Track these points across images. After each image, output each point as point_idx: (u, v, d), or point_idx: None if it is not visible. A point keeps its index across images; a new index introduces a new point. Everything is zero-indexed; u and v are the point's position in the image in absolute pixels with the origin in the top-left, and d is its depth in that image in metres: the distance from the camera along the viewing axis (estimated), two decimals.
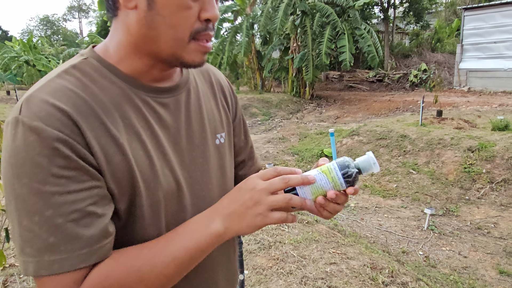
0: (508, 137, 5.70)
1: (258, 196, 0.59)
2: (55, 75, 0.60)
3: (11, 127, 0.55)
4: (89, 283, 0.56)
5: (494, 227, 4.21)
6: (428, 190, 5.25)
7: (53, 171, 0.53)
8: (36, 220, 0.53)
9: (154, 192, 0.63)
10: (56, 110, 0.55)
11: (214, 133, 0.77)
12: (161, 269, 0.58)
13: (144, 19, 0.60)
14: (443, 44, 18.35)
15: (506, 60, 12.73)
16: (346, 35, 12.93)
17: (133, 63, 0.65)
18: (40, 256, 0.53)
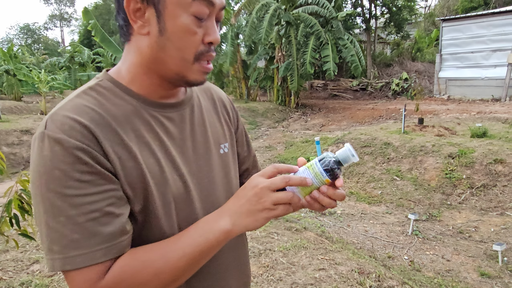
0: (487, 144, 5.92)
1: (262, 193, 0.64)
2: (75, 95, 0.69)
3: (38, 141, 0.63)
4: (110, 276, 0.62)
5: (475, 231, 4.36)
6: (412, 196, 5.39)
7: (75, 176, 0.61)
8: (61, 220, 0.60)
9: (164, 194, 0.70)
10: (76, 124, 0.63)
11: (217, 144, 0.84)
12: (174, 263, 0.64)
13: (155, 44, 0.68)
14: (423, 54, 18.91)
15: (483, 69, 13.20)
16: (329, 45, 13.20)
17: (142, 83, 0.73)
18: (65, 253, 0.60)
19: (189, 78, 0.71)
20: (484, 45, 13.19)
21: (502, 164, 5.30)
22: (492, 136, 6.91)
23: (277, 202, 0.64)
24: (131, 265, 0.64)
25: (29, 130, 8.43)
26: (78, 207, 0.61)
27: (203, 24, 0.69)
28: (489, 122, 8.43)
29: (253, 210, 0.65)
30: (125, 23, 0.70)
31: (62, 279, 2.66)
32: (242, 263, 0.89)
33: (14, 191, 2.16)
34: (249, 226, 0.66)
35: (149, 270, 0.64)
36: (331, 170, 0.67)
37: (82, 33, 31.91)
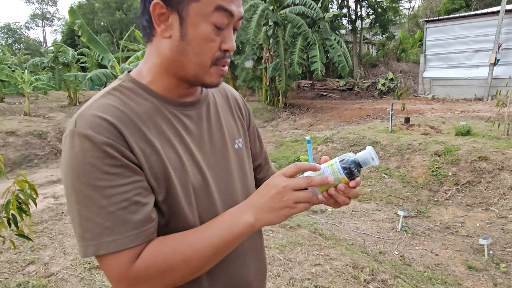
0: (471, 142, 6.10)
1: (284, 192, 0.68)
2: (100, 96, 0.75)
3: (69, 138, 0.68)
4: (141, 260, 0.68)
5: (461, 226, 4.50)
6: (400, 193, 5.52)
7: (104, 169, 0.66)
8: (93, 210, 0.66)
9: (185, 185, 0.76)
10: (103, 121, 0.68)
11: (232, 139, 0.90)
12: (201, 252, 0.69)
13: (176, 47, 0.73)
14: (408, 54, 19.26)
15: (465, 69, 13.53)
16: (317, 45, 13.33)
17: (162, 83, 0.79)
18: (98, 239, 0.66)
19: (206, 80, 0.77)
20: (467, 45, 13.54)
21: (486, 161, 5.47)
22: (476, 134, 7.11)
23: (297, 201, 0.68)
24: (162, 251, 0.69)
25: (15, 131, 8.29)
26: (109, 197, 0.66)
27: (221, 33, 0.74)
28: (472, 121, 8.67)
29: (275, 207, 0.69)
30: (149, 25, 0.75)
31: (60, 279, 2.66)
32: (258, 252, 0.94)
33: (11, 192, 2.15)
34: (270, 221, 0.70)
35: (179, 256, 0.68)
36: (349, 170, 0.71)
37: (65, 33, 31.38)
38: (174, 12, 0.71)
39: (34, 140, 8.31)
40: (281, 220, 0.70)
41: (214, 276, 0.80)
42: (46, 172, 7.06)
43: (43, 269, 2.81)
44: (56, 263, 2.90)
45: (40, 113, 13.02)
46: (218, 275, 0.81)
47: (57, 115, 13.15)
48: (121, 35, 26.92)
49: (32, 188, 2.23)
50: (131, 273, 0.67)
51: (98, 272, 2.76)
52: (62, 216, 4.14)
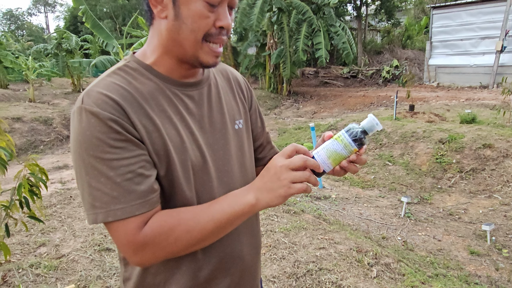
0: (475, 129, 6.09)
1: (281, 172, 0.71)
2: (106, 75, 0.79)
3: (77, 114, 0.72)
4: (148, 228, 0.73)
5: (464, 212, 4.53)
6: (404, 180, 5.55)
7: (110, 143, 0.70)
8: (102, 180, 0.70)
9: (184, 162, 0.80)
10: (108, 99, 0.72)
11: (233, 120, 0.93)
12: (203, 225, 0.74)
13: (172, 27, 0.77)
14: (413, 41, 19.04)
15: (471, 56, 13.39)
16: (321, 32, 13.21)
17: (165, 63, 0.82)
18: (107, 207, 0.71)
19: (202, 59, 0.79)
20: (473, 32, 13.36)
21: (490, 148, 5.48)
22: (481, 122, 7.10)
23: (294, 181, 0.70)
24: (168, 221, 0.74)
25: (20, 117, 8.34)
26: (116, 169, 0.70)
27: (215, 10, 0.76)
28: (477, 109, 8.63)
29: (273, 187, 0.72)
30: (148, 8, 0.79)
31: (70, 260, 2.73)
32: (253, 230, 0.98)
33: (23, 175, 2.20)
34: (270, 202, 0.73)
35: (183, 227, 0.73)
36: (359, 140, 0.74)
37: (68, 19, 31.16)
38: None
39: (39, 127, 8.37)
40: (280, 200, 0.72)
41: (208, 248, 0.84)
42: (52, 158, 7.13)
43: (54, 250, 2.88)
44: (66, 245, 2.97)
45: (45, 100, 13.06)
46: (212, 247, 0.85)
47: (62, 102, 13.19)
48: (124, 22, 26.72)
49: (42, 172, 2.28)
50: (139, 239, 0.72)
51: (108, 254, 2.83)
52: (70, 200, 4.20)
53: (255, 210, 0.74)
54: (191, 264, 0.84)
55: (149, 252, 0.73)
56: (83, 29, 26.26)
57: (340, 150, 0.74)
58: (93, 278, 2.53)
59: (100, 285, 2.45)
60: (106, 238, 3.12)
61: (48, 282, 2.45)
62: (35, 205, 2.23)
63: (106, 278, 2.53)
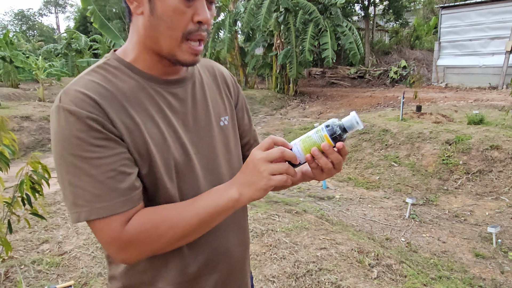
0: (483, 131, 6.01)
1: (259, 164, 0.71)
2: (85, 73, 0.78)
3: (55, 113, 0.72)
4: (131, 226, 0.73)
5: (470, 214, 4.48)
6: (409, 181, 5.50)
7: (90, 141, 0.70)
8: (84, 179, 0.70)
9: (167, 160, 0.79)
10: (86, 97, 0.71)
11: (218, 117, 0.92)
12: (187, 221, 0.74)
13: (148, 22, 0.76)
14: (422, 42, 18.87)
15: (480, 57, 13.23)
16: (328, 32, 13.15)
17: (145, 60, 0.81)
18: (90, 205, 0.70)
19: (179, 57, 0.78)
20: (483, 32, 13.19)
21: (498, 150, 5.40)
22: (489, 123, 7.00)
23: (273, 173, 0.70)
24: (151, 218, 0.74)
25: (29, 116, 8.45)
26: (98, 167, 0.70)
27: (192, 4, 0.74)
28: (486, 110, 8.51)
29: (253, 181, 0.72)
30: (126, 4, 0.78)
31: (73, 257, 2.76)
32: (241, 225, 0.97)
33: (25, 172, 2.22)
34: (253, 195, 0.73)
35: (166, 223, 0.73)
36: (335, 134, 0.73)
37: (78, 19, 31.52)
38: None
39: (47, 125, 8.46)
40: (261, 193, 0.72)
41: (194, 244, 0.84)
42: None
43: (57, 247, 2.90)
44: (69, 242, 3.00)
45: (54, 99, 13.21)
46: (198, 243, 0.85)
47: None
48: None
49: (45, 169, 2.30)
50: (123, 236, 0.72)
51: None
52: None
53: (238, 204, 0.74)
54: (178, 260, 0.84)
55: (134, 249, 0.73)
56: (93, 29, 26.53)
57: (315, 138, 0.74)
58: (94, 275, 2.54)
59: (101, 282, 2.47)
60: None
61: (50, 279, 2.48)
62: (38, 202, 2.26)
63: (107, 275, 2.54)
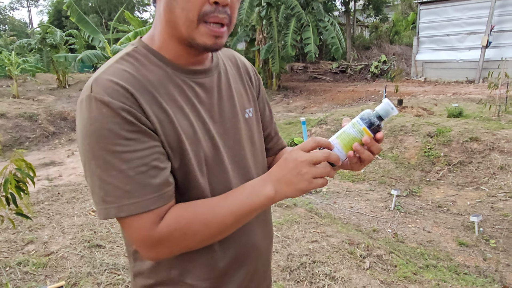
0: (462, 123, 6.18)
1: (302, 166, 0.68)
2: (114, 61, 0.74)
3: (86, 103, 0.67)
4: (164, 223, 0.70)
5: (452, 204, 4.60)
6: (393, 173, 5.61)
7: (123, 134, 0.66)
8: (114, 174, 0.67)
9: (197, 153, 0.77)
10: (119, 87, 0.68)
11: (243, 108, 0.89)
12: (221, 218, 0.72)
13: (166, 6, 0.72)
14: (401, 37, 19.20)
15: (458, 52, 13.57)
16: (310, 27, 13.21)
17: (171, 49, 0.77)
18: (119, 202, 0.67)
19: (199, 41, 0.73)
20: (460, 28, 13.53)
21: (477, 142, 5.56)
22: (467, 115, 7.20)
23: (315, 176, 0.68)
24: (184, 216, 0.71)
25: (4, 114, 8.16)
26: (128, 162, 0.67)
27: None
28: (464, 103, 8.75)
29: (293, 181, 0.69)
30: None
31: (60, 257, 2.68)
32: (266, 218, 0.96)
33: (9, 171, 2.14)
34: (289, 194, 0.71)
35: (200, 221, 0.71)
36: (374, 125, 0.71)
37: (52, 13, 30.51)
38: None
39: (24, 123, 8.19)
40: (299, 193, 0.71)
41: (224, 240, 0.82)
42: (38, 155, 7.00)
43: (43, 248, 2.82)
44: (55, 242, 2.92)
45: (29, 96, 12.79)
46: (228, 239, 0.82)
47: (47, 98, 12.94)
48: (110, 16, 26.29)
49: (29, 167, 2.22)
50: (154, 234, 0.69)
51: (98, 250, 2.79)
52: (58, 196, 4.13)
53: (273, 202, 0.72)
54: (208, 256, 0.81)
55: (165, 247, 0.71)
56: (68, 23, 25.77)
57: (353, 133, 0.71)
58: (84, 274, 2.49)
59: (91, 282, 2.42)
60: (96, 235, 3.07)
61: (37, 280, 2.40)
62: (22, 202, 2.18)
63: (97, 275, 2.49)
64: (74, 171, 5.88)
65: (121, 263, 2.62)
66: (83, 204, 3.84)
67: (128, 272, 2.54)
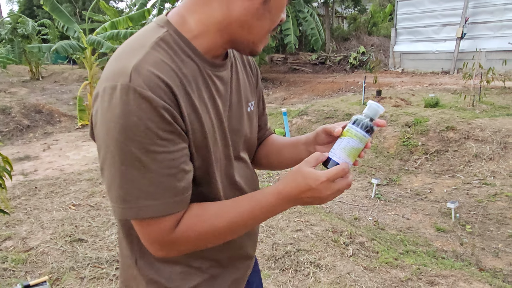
0: (439, 113, 6.35)
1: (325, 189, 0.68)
2: (150, 47, 0.67)
3: (122, 93, 0.61)
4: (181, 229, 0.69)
5: (430, 192, 4.74)
6: (373, 163, 5.72)
7: (159, 134, 0.63)
8: (140, 173, 0.63)
9: (216, 152, 0.76)
10: (161, 82, 0.63)
11: (246, 102, 0.88)
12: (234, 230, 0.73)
13: (255, 10, 0.69)
14: (378, 28, 19.45)
15: (434, 43, 13.86)
16: (290, 17, 13.19)
17: (208, 41, 0.73)
18: (140, 203, 0.64)
19: (257, 48, 0.75)
20: (436, 19, 13.81)
21: (453, 131, 5.73)
22: (444, 105, 7.40)
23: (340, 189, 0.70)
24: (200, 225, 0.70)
25: None
26: (160, 162, 0.64)
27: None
28: (440, 93, 8.97)
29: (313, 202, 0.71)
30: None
31: (40, 253, 2.62)
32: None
33: None
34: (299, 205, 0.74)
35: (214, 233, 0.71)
36: (370, 128, 0.74)
37: (23, 2, 29.31)
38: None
39: None
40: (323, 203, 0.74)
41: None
42: (12, 149, 6.76)
43: (21, 244, 2.74)
44: (34, 238, 2.84)
45: (1, 88, 12.31)
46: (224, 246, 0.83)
47: (19, 90, 12.49)
48: (84, 6, 25.47)
49: (5, 161, 2.14)
50: (170, 237, 0.68)
51: (80, 245, 2.74)
52: (36, 191, 4.01)
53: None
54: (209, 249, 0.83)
55: (176, 249, 0.71)
56: (40, 13, 24.83)
57: (357, 145, 0.74)
58: (66, 269, 2.44)
59: (74, 276, 2.37)
60: (77, 229, 3.01)
61: (17, 276, 2.34)
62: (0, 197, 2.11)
63: (80, 269, 2.44)
64: (50, 165, 5.72)
65: (105, 257, 2.58)
66: (62, 199, 3.74)
67: (111, 266, 2.50)
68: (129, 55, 0.65)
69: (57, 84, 15.89)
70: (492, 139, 5.35)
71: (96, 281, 2.34)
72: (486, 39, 12.38)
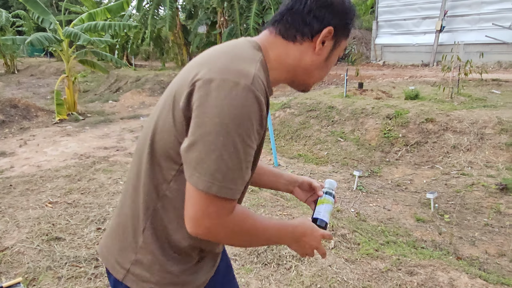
0: (419, 105, 6.45)
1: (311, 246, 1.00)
2: (259, 63, 0.85)
3: (243, 90, 0.77)
4: (235, 218, 0.82)
5: (410, 183, 4.83)
6: (355, 155, 5.77)
7: (256, 131, 0.79)
8: (233, 158, 0.76)
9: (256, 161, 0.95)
10: (265, 93, 0.83)
11: None
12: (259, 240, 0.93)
13: (319, 63, 0.95)
14: (360, 21, 19.56)
15: (414, 36, 14.05)
16: (272, 10, 13.12)
17: (277, 74, 0.94)
18: (224, 183, 0.76)
19: (310, 88, 1.02)
20: (416, 12, 13.98)
21: (432, 123, 5.84)
22: (423, 98, 7.52)
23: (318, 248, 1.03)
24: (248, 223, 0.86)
25: None
26: (246, 154, 0.78)
27: None
28: (420, 85, 9.11)
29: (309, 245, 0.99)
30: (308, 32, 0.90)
31: (16, 252, 2.53)
32: None
33: None
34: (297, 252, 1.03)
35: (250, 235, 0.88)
36: (333, 196, 1.18)
37: None
38: (332, 40, 0.93)
39: None
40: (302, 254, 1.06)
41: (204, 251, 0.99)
42: None
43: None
44: (9, 237, 2.75)
45: None
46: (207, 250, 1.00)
47: None
48: None
49: None
50: (225, 220, 0.80)
51: (58, 243, 2.66)
52: (10, 189, 3.89)
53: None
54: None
55: (220, 232, 0.81)
56: (14, 4, 23.97)
57: (331, 208, 1.16)
58: (43, 269, 2.37)
59: (51, 276, 2.31)
60: (54, 227, 2.93)
61: None
62: None
63: (57, 268, 2.38)
64: (27, 162, 5.55)
65: (83, 255, 2.52)
66: (38, 196, 3.63)
67: (89, 264, 2.45)
68: (245, 62, 0.82)
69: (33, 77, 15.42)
70: (470, 130, 5.47)
71: (74, 280, 2.28)
72: (464, 32, 12.62)
